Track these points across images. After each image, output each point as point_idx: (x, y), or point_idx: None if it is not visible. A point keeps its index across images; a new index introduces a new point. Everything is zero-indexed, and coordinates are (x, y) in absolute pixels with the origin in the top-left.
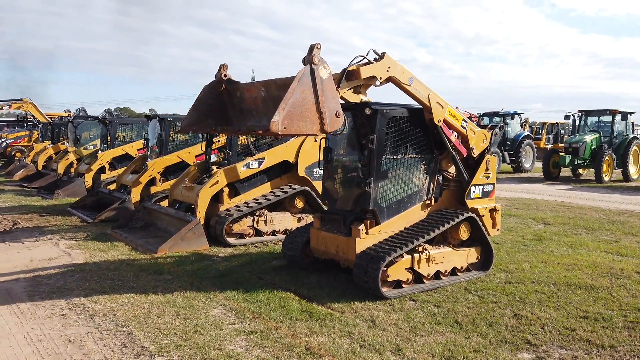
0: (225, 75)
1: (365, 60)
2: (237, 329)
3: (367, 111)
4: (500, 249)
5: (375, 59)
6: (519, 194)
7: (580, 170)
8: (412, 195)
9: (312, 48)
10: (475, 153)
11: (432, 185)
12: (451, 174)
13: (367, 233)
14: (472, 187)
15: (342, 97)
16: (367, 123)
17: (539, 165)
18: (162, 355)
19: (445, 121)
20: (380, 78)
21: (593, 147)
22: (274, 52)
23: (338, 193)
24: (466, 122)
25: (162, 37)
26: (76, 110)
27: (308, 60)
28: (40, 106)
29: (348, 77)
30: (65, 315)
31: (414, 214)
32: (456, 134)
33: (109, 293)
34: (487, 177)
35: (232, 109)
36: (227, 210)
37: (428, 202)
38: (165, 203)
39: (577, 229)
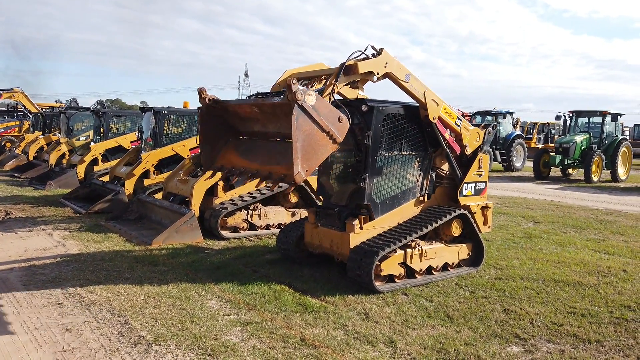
0: (209, 99)
1: (363, 56)
2: (233, 320)
3: (364, 108)
4: (490, 246)
5: (373, 55)
6: (509, 192)
7: (570, 170)
8: (406, 191)
9: (289, 86)
10: (469, 151)
11: (425, 182)
12: (444, 172)
13: (361, 228)
14: (465, 185)
15: (339, 93)
16: (363, 119)
17: (529, 164)
18: (159, 345)
19: (439, 118)
20: (378, 74)
21: (583, 147)
22: (267, 46)
23: (333, 188)
24: (460, 119)
25: (156, 30)
26: (67, 101)
27: (292, 99)
28: (31, 96)
29: (346, 71)
30: (61, 305)
31: (408, 210)
32: (450, 132)
33: (105, 283)
34: (480, 175)
35: (233, 118)
36: (222, 203)
37: (421, 198)
38: (159, 196)
39: (566, 228)
